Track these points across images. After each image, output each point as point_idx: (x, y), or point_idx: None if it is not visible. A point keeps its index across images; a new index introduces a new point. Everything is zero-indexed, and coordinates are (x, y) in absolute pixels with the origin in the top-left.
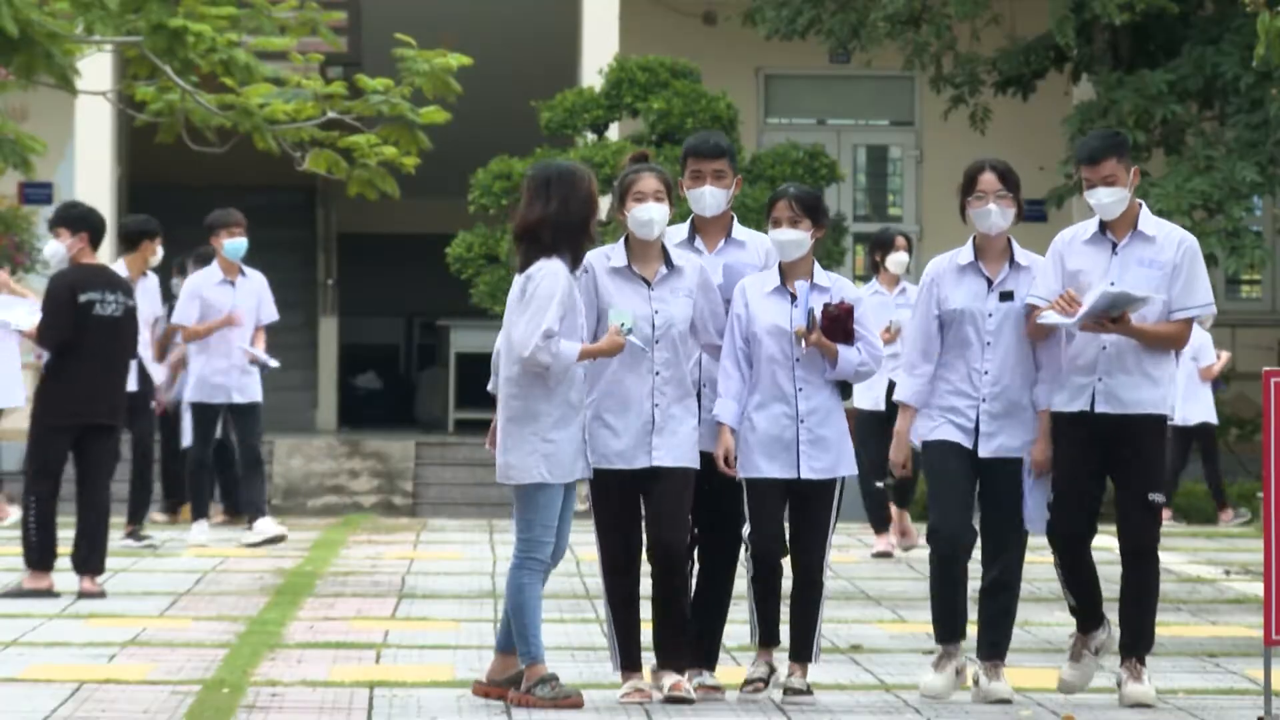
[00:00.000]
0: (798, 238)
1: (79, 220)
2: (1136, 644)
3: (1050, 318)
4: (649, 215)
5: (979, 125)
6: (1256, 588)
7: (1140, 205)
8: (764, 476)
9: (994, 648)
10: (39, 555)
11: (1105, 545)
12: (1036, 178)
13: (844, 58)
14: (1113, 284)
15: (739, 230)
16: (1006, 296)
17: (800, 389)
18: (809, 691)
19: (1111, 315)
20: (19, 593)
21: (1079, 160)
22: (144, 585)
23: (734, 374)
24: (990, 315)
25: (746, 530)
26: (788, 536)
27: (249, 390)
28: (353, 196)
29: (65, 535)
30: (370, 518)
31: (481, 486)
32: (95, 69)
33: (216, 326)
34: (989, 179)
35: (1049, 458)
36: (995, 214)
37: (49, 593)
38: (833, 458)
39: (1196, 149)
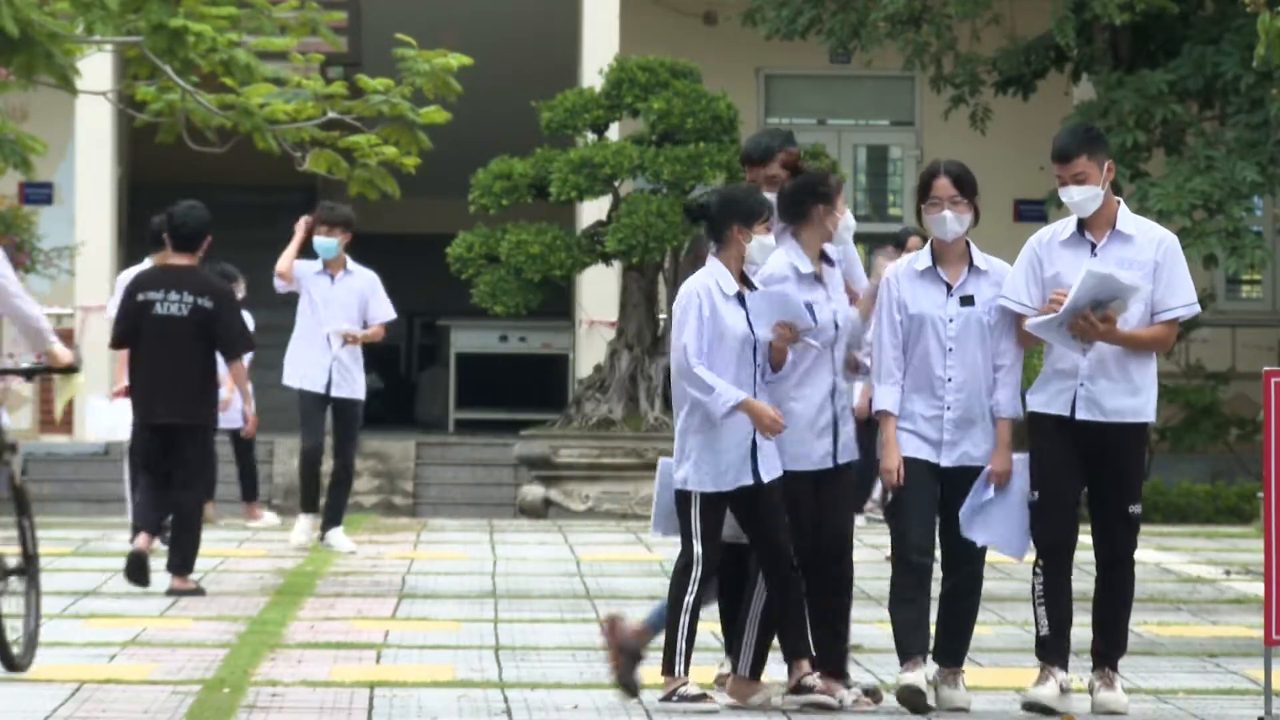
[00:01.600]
0: (768, 241)
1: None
2: (1110, 650)
3: (1037, 321)
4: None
5: (979, 125)
6: (1256, 588)
7: (1118, 203)
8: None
9: (954, 656)
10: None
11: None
12: (1036, 178)
13: (844, 58)
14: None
15: None
16: (967, 301)
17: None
18: (839, 708)
19: (1097, 312)
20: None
21: (1051, 157)
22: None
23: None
24: (951, 321)
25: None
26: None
27: (348, 384)
28: (353, 196)
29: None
30: (370, 518)
31: (481, 486)
32: (95, 69)
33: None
34: (943, 184)
35: (1008, 469)
36: (950, 220)
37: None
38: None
39: (1196, 149)
